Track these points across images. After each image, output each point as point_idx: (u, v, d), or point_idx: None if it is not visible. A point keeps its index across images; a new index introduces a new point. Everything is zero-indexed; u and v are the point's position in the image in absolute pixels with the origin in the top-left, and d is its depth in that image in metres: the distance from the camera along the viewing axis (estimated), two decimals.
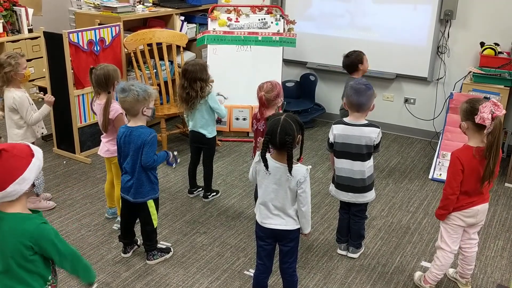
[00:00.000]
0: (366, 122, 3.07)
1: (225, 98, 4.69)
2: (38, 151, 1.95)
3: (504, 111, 2.55)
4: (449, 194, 2.73)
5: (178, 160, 3.27)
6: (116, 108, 3.36)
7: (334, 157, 3.16)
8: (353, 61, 4.15)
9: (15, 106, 3.55)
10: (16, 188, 1.85)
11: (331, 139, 3.11)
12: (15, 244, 1.88)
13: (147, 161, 2.98)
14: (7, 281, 1.93)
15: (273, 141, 2.41)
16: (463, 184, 2.70)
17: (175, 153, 3.25)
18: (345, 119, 3.10)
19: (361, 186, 3.11)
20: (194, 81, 3.65)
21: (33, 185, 1.92)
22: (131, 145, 3.00)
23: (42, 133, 3.87)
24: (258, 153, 2.52)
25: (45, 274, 1.99)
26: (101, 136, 3.54)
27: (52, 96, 3.67)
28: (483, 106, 2.53)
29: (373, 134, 3.02)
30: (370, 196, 3.18)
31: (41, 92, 3.75)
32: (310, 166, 2.55)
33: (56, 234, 1.95)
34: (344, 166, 3.10)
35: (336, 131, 3.09)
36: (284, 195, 2.50)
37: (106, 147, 3.47)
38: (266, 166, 2.45)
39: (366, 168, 3.08)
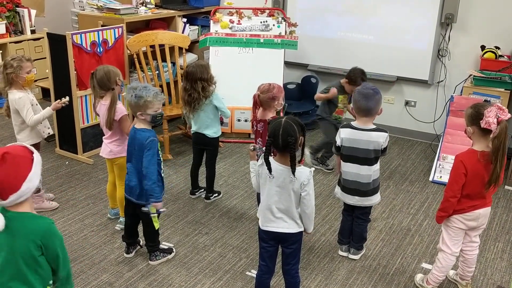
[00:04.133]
0: (374, 127, 3.07)
1: None
2: (33, 148, 1.99)
3: (509, 115, 2.56)
4: (449, 196, 2.74)
5: (159, 214, 3.06)
6: (120, 110, 3.37)
7: (341, 161, 3.17)
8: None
9: (17, 107, 3.57)
10: (28, 185, 1.89)
11: (338, 143, 3.12)
12: (26, 242, 1.91)
13: (146, 165, 2.95)
14: (13, 283, 1.94)
15: (275, 144, 2.42)
16: (466, 188, 2.71)
17: (163, 210, 3.11)
18: (353, 123, 3.10)
19: (367, 189, 3.12)
20: (195, 82, 3.66)
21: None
22: (134, 146, 3.02)
23: (49, 133, 3.87)
24: (261, 156, 2.53)
25: (48, 278, 2.02)
26: (103, 137, 3.53)
27: (62, 104, 3.65)
28: (488, 111, 2.54)
29: (381, 139, 3.03)
30: (375, 199, 3.20)
31: (66, 97, 3.72)
32: (313, 168, 2.57)
33: (62, 238, 2.01)
34: (351, 170, 3.11)
35: (344, 135, 3.09)
36: (287, 198, 2.51)
37: (109, 148, 3.46)
38: (270, 169, 2.46)
39: (372, 172, 3.09)
